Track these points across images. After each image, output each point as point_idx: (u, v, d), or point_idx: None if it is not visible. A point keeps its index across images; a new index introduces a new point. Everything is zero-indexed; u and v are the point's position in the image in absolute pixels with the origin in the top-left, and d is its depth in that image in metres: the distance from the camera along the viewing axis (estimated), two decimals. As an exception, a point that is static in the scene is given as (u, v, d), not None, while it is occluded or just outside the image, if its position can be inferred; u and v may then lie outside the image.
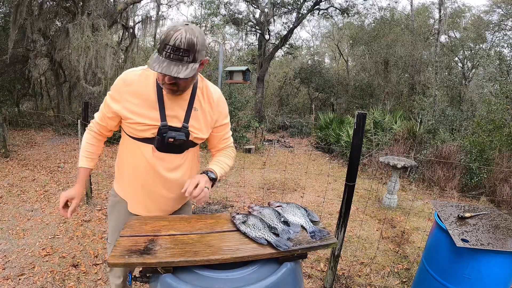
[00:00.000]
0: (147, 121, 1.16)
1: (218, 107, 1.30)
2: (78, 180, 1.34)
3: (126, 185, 1.32)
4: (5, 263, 2.48)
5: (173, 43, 0.99)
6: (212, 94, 1.27)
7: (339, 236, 2.06)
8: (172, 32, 0.99)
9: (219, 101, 1.30)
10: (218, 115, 1.31)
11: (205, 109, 1.26)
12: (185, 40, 0.98)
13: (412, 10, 13.73)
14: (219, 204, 4.03)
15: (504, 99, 5.67)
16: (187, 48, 1.00)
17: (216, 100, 1.28)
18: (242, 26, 12.99)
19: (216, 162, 1.35)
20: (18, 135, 7.57)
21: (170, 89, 1.12)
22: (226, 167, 1.36)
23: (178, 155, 1.25)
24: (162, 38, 1.01)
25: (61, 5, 8.30)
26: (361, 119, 1.85)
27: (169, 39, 0.99)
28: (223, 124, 1.35)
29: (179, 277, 0.89)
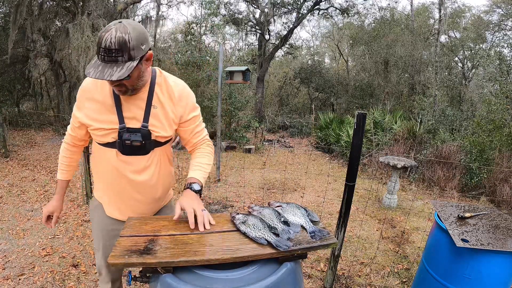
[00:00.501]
0: (105, 125, 1.15)
1: (181, 102, 1.23)
2: (57, 192, 1.38)
3: (100, 190, 1.34)
4: (5, 263, 2.48)
5: (104, 45, 0.95)
6: (172, 88, 1.21)
7: (339, 236, 2.06)
8: (103, 34, 0.96)
9: (182, 95, 1.23)
10: (182, 110, 1.24)
11: (166, 105, 1.20)
12: (115, 40, 0.95)
13: (412, 10, 13.73)
14: (219, 204, 4.03)
15: (504, 99, 5.67)
16: (119, 47, 0.96)
17: (177, 94, 1.22)
18: (242, 26, 13.00)
19: (196, 167, 1.29)
20: (18, 135, 7.57)
21: (118, 90, 1.10)
22: (207, 169, 1.32)
23: (143, 157, 1.21)
24: (98, 40, 0.98)
25: (61, 5, 8.31)
26: (361, 119, 1.84)
27: (100, 41, 0.96)
28: (190, 118, 1.28)
29: (179, 277, 0.89)
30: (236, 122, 9.08)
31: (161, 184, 1.33)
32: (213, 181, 5.00)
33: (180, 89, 1.23)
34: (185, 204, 1.14)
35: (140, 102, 1.16)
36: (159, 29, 11.99)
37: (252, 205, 1.23)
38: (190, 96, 1.27)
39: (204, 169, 1.30)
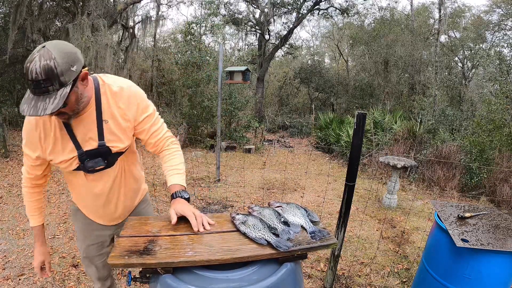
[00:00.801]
0: (66, 156, 1.12)
1: (130, 105, 1.16)
2: (36, 240, 1.31)
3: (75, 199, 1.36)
4: (5, 263, 2.48)
5: (31, 77, 0.87)
6: (118, 94, 1.14)
7: (339, 236, 2.06)
8: (28, 65, 0.87)
9: (130, 98, 1.16)
10: (132, 114, 1.17)
11: (117, 116, 1.14)
12: (40, 69, 0.86)
13: (412, 10, 13.73)
14: (219, 204, 4.03)
15: (504, 99, 5.67)
16: (46, 77, 0.87)
17: (125, 99, 1.15)
18: (242, 26, 13.00)
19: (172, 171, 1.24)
20: (18, 135, 7.57)
21: (61, 118, 1.04)
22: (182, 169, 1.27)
23: (110, 169, 1.21)
24: (24, 72, 0.89)
25: (61, 5, 8.31)
26: (361, 119, 1.84)
27: (27, 73, 0.88)
28: (142, 120, 1.20)
29: (179, 278, 0.89)
30: (236, 122, 9.08)
31: (132, 186, 1.35)
32: (213, 181, 5.00)
33: (127, 92, 1.16)
34: (182, 209, 1.12)
35: (90, 122, 1.11)
36: (159, 29, 12.00)
37: (252, 205, 1.23)
38: (138, 96, 1.19)
39: (181, 171, 1.26)
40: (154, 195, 4.14)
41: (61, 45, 0.93)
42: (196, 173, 5.32)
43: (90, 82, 1.09)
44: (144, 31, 11.58)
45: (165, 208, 3.78)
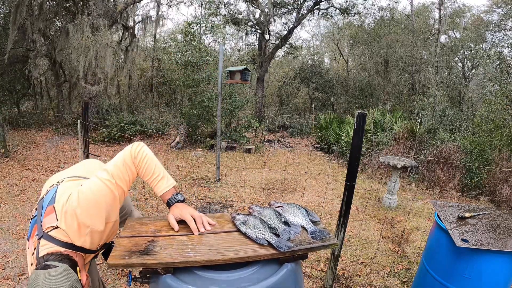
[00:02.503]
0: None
1: (83, 217, 1.01)
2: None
3: None
4: (5, 263, 2.48)
5: None
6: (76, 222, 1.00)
7: (339, 236, 2.06)
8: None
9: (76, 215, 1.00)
10: (88, 218, 1.02)
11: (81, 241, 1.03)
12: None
13: (412, 10, 13.73)
14: (219, 204, 4.03)
15: (504, 99, 5.66)
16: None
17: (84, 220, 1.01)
18: (242, 26, 13.00)
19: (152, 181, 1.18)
20: (18, 135, 7.57)
21: None
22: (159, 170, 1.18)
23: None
24: None
25: (61, 5, 8.31)
26: (361, 119, 1.84)
27: None
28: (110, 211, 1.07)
29: (180, 278, 0.89)
30: (236, 122, 9.08)
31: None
32: (213, 181, 5.00)
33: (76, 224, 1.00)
34: (180, 214, 1.10)
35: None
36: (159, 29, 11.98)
37: (253, 206, 1.23)
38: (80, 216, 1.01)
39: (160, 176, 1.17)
40: (154, 195, 4.15)
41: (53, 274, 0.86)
42: (196, 173, 5.32)
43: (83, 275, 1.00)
44: (144, 31, 11.57)
45: (165, 208, 3.77)
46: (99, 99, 9.12)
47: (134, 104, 11.27)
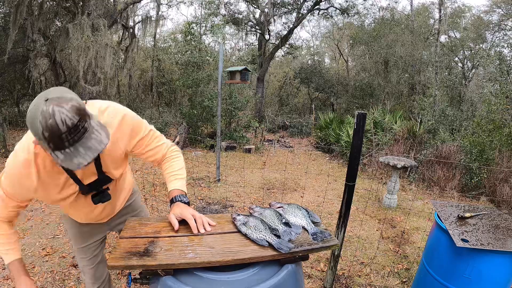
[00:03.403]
0: (63, 195, 1.10)
1: (122, 133, 1.11)
2: (21, 273, 1.15)
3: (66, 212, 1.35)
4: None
5: (65, 128, 0.78)
6: (109, 124, 1.06)
7: (339, 236, 2.06)
8: (50, 121, 0.76)
9: (121, 126, 1.10)
10: (125, 141, 1.14)
11: (110, 146, 1.07)
12: (70, 114, 0.79)
13: (412, 10, 13.73)
14: (219, 204, 4.03)
15: (504, 99, 5.66)
16: (79, 116, 0.81)
17: (115, 129, 1.09)
18: (242, 26, 12.99)
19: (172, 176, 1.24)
20: (18, 135, 7.57)
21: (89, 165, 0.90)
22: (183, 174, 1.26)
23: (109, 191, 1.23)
24: (47, 134, 0.77)
25: (61, 5, 8.30)
26: (361, 119, 1.84)
27: (57, 129, 0.77)
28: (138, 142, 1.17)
29: (180, 279, 0.89)
30: (236, 122, 9.08)
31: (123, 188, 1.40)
32: (213, 181, 5.00)
33: (117, 121, 1.09)
34: (181, 213, 1.11)
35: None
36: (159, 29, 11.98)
37: (253, 206, 1.23)
38: (129, 122, 1.13)
39: (181, 176, 1.25)
40: (154, 195, 4.14)
41: (59, 92, 0.83)
42: (196, 173, 5.31)
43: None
44: (144, 31, 11.56)
45: (165, 208, 3.77)
46: (99, 99, 9.11)
47: (134, 104, 11.26)
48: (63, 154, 0.81)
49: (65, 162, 0.82)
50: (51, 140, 0.79)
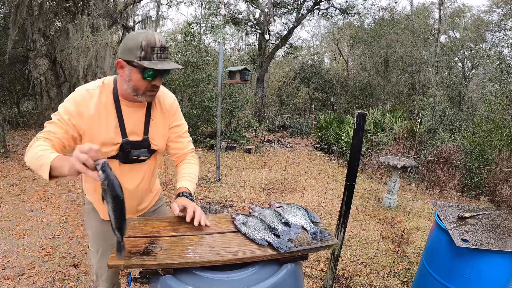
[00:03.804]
0: (108, 140, 1.14)
1: (170, 111, 1.29)
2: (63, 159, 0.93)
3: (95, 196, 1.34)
4: (5, 263, 2.48)
5: (160, 44, 1.03)
6: (163, 101, 1.26)
7: (339, 236, 2.06)
8: (151, 36, 1.03)
9: (172, 106, 1.30)
10: (172, 119, 1.30)
11: (160, 117, 1.25)
12: (164, 40, 1.05)
13: (412, 10, 13.73)
14: (219, 204, 4.03)
15: (504, 99, 5.67)
16: (167, 46, 1.08)
17: (168, 104, 1.28)
18: (242, 26, 12.99)
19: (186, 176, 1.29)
20: (18, 135, 7.57)
21: (151, 95, 1.13)
22: (195, 179, 1.33)
23: (141, 164, 1.26)
24: (145, 44, 1.01)
25: (61, 5, 8.30)
26: (361, 119, 1.84)
27: (155, 42, 1.02)
28: (176, 126, 1.33)
29: (179, 279, 0.89)
30: (236, 122, 9.07)
31: (151, 187, 1.40)
32: (213, 181, 5.00)
33: (170, 101, 1.29)
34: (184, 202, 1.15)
35: (140, 115, 1.19)
36: (159, 29, 11.96)
37: (253, 206, 1.23)
38: (177, 107, 1.33)
39: (194, 180, 1.30)
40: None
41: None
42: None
43: None
44: (144, 31, 11.55)
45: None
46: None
47: (134, 104, 11.23)
48: (149, 63, 1.02)
49: (149, 66, 1.01)
50: (145, 49, 1.01)
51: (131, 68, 1.05)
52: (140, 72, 1.04)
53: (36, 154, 0.97)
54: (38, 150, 0.98)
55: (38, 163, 0.95)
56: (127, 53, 1.04)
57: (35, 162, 0.96)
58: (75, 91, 1.12)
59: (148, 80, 1.07)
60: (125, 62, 1.05)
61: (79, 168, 0.82)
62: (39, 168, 0.95)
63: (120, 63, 1.07)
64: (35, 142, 1.03)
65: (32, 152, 0.99)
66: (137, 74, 1.05)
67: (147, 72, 1.04)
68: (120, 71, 1.09)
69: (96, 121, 1.11)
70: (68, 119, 1.08)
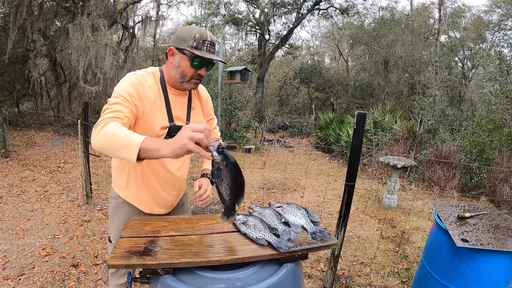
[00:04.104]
0: (161, 123, 1.22)
1: (207, 104, 1.46)
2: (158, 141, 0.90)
3: (131, 187, 1.34)
4: (5, 263, 2.48)
5: (210, 39, 1.17)
6: (201, 92, 1.42)
7: (339, 236, 2.06)
8: (203, 32, 1.16)
9: (208, 100, 1.47)
10: (208, 111, 1.47)
11: (199, 108, 1.40)
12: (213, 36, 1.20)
13: (412, 10, 13.74)
14: (219, 204, 4.03)
15: (504, 99, 5.67)
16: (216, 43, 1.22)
17: (205, 98, 1.44)
18: (242, 26, 12.99)
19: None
20: (18, 135, 7.57)
21: (196, 83, 1.24)
22: None
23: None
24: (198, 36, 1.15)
25: (61, 5, 8.30)
26: (361, 119, 1.84)
27: (206, 36, 1.16)
28: (211, 118, 1.51)
29: (180, 278, 0.89)
30: (236, 122, 9.07)
31: (185, 177, 1.48)
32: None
33: (207, 95, 1.46)
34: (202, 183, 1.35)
35: (183, 103, 1.32)
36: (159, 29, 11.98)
37: (253, 206, 1.23)
38: (210, 100, 1.49)
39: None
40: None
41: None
42: (196, 173, 5.31)
43: None
44: (144, 31, 11.56)
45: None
46: (99, 99, 9.11)
47: (134, 104, 11.23)
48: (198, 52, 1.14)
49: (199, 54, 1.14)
50: (197, 40, 1.14)
51: (181, 56, 1.17)
52: (190, 60, 1.16)
53: (116, 134, 0.92)
54: (119, 130, 0.93)
55: (121, 143, 0.89)
56: (180, 42, 1.16)
57: (116, 143, 0.91)
58: (128, 76, 1.19)
59: (195, 68, 1.18)
60: (177, 49, 1.17)
61: (192, 147, 0.81)
62: (120, 149, 0.89)
63: (171, 50, 1.19)
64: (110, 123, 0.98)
65: (109, 131, 0.94)
66: (186, 61, 1.17)
67: (196, 60, 1.16)
68: (170, 58, 1.21)
69: (152, 104, 1.20)
70: (131, 100, 1.14)
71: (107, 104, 1.10)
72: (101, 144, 0.95)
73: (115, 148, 0.91)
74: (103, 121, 1.00)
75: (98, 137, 0.96)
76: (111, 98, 1.14)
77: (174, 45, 1.18)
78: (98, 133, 0.97)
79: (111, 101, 1.11)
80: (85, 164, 3.67)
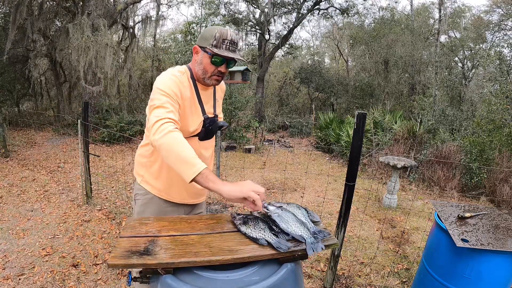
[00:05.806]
0: (195, 118, 1.34)
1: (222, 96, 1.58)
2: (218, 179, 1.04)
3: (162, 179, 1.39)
4: (5, 263, 2.48)
5: (231, 38, 1.23)
6: (223, 88, 1.56)
7: (339, 236, 2.06)
8: (224, 31, 1.23)
9: (224, 91, 1.59)
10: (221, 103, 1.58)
11: (220, 98, 1.52)
12: (235, 36, 1.26)
13: (412, 10, 13.74)
14: (219, 204, 4.03)
15: (504, 99, 5.67)
16: (237, 41, 1.27)
17: (221, 91, 1.55)
18: (242, 26, 12.99)
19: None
20: (18, 135, 7.57)
21: (217, 79, 1.31)
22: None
23: (211, 140, 1.47)
24: (218, 35, 1.21)
25: (61, 5, 8.31)
26: (361, 119, 1.84)
27: (227, 35, 1.23)
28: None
29: (180, 278, 0.89)
30: (236, 122, 9.07)
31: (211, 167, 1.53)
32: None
33: (224, 86, 1.57)
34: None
35: (210, 95, 1.43)
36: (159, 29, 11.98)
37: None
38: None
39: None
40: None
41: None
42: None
43: None
44: (144, 31, 11.57)
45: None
46: (99, 99, 9.12)
47: (134, 104, 11.26)
48: (217, 50, 1.22)
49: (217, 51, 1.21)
50: (217, 39, 1.22)
51: (203, 53, 1.26)
52: (210, 57, 1.24)
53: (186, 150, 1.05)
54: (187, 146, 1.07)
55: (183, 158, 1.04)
56: (203, 41, 1.25)
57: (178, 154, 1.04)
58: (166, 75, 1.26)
59: (214, 65, 1.26)
60: (200, 47, 1.27)
61: (253, 196, 1.03)
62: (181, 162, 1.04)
63: (196, 48, 1.29)
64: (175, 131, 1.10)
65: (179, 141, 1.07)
66: (207, 58, 1.25)
67: (215, 57, 1.24)
68: (195, 55, 1.31)
69: (188, 102, 1.30)
70: (176, 99, 1.22)
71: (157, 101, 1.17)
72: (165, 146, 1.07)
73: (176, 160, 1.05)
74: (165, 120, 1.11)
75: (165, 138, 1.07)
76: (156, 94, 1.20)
77: (198, 43, 1.28)
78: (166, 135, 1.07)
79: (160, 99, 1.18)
80: (85, 164, 3.67)
